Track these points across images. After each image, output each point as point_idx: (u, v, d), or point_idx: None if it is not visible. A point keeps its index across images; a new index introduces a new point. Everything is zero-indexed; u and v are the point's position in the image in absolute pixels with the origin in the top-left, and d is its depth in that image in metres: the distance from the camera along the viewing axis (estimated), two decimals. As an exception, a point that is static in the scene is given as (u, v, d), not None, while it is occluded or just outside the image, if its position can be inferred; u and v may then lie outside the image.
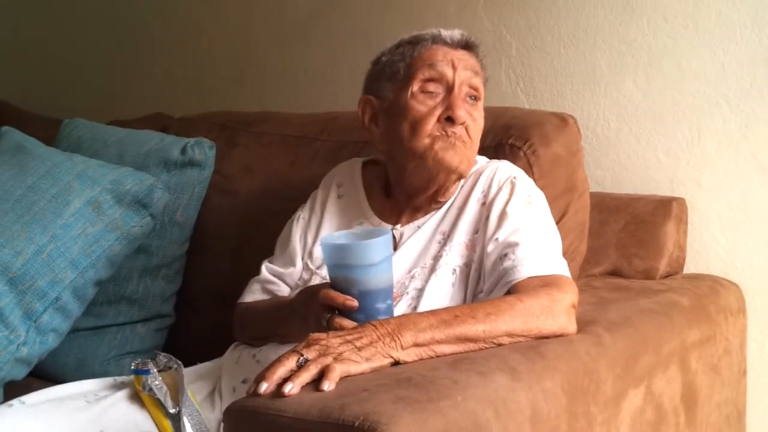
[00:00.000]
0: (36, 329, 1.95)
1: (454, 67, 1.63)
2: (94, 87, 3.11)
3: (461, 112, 1.60)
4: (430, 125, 1.61)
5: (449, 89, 1.62)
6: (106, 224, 2.04)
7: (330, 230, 1.74)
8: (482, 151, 1.74)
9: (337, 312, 1.42)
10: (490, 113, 1.72)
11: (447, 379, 1.22)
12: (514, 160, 1.79)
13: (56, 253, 1.98)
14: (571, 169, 1.87)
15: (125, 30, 3.02)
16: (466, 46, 1.68)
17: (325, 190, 1.82)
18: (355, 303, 1.40)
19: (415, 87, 1.63)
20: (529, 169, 1.79)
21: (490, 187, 1.64)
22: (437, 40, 1.66)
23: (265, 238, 1.95)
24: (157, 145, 2.24)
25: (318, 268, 1.70)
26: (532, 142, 1.83)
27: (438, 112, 1.61)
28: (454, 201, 1.68)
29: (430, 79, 1.63)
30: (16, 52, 3.32)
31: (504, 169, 1.67)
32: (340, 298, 1.41)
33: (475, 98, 1.66)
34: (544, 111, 1.98)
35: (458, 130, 1.60)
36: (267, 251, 1.85)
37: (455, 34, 1.67)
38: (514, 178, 1.64)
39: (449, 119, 1.60)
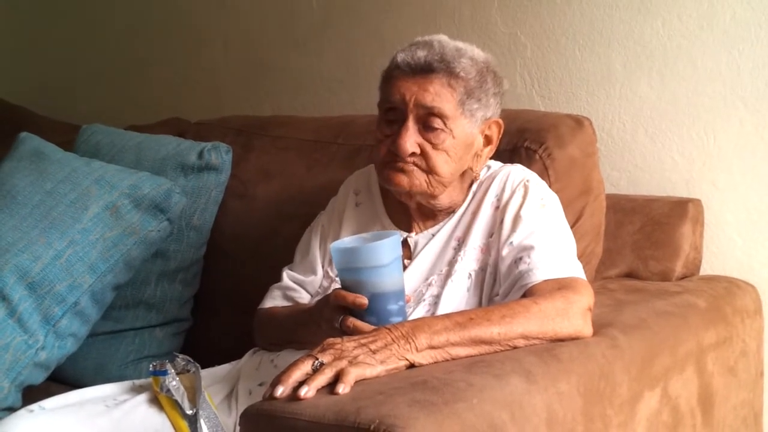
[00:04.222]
0: (54, 334, 1.96)
1: (404, 102, 1.58)
2: (112, 92, 3.12)
3: (407, 146, 1.57)
4: (383, 151, 1.62)
5: (403, 120, 1.59)
6: (123, 229, 2.05)
7: None
8: (498, 155, 1.74)
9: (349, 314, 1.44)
10: (505, 116, 1.72)
11: (462, 382, 1.23)
12: (529, 163, 1.79)
13: (75, 257, 1.99)
14: (586, 171, 1.87)
15: (142, 35, 3.04)
16: (428, 69, 1.58)
17: (343, 198, 1.82)
18: (365, 300, 1.42)
19: (380, 114, 1.64)
20: (544, 172, 1.79)
21: (503, 190, 1.64)
22: (397, 67, 1.60)
23: (281, 241, 1.96)
24: (174, 149, 2.25)
25: (338, 275, 1.71)
26: (548, 145, 1.83)
27: (389, 141, 1.61)
28: (467, 206, 1.68)
29: (390, 109, 1.61)
30: (34, 58, 3.34)
31: (517, 172, 1.67)
32: (350, 296, 1.43)
33: (433, 128, 1.58)
34: (559, 113, 1.98)
35: (408, 158, 1.59)
36: (284, 255, 1.86)
37: (416, 57, 1.58)
38: (527, 181, 1.64)
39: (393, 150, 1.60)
